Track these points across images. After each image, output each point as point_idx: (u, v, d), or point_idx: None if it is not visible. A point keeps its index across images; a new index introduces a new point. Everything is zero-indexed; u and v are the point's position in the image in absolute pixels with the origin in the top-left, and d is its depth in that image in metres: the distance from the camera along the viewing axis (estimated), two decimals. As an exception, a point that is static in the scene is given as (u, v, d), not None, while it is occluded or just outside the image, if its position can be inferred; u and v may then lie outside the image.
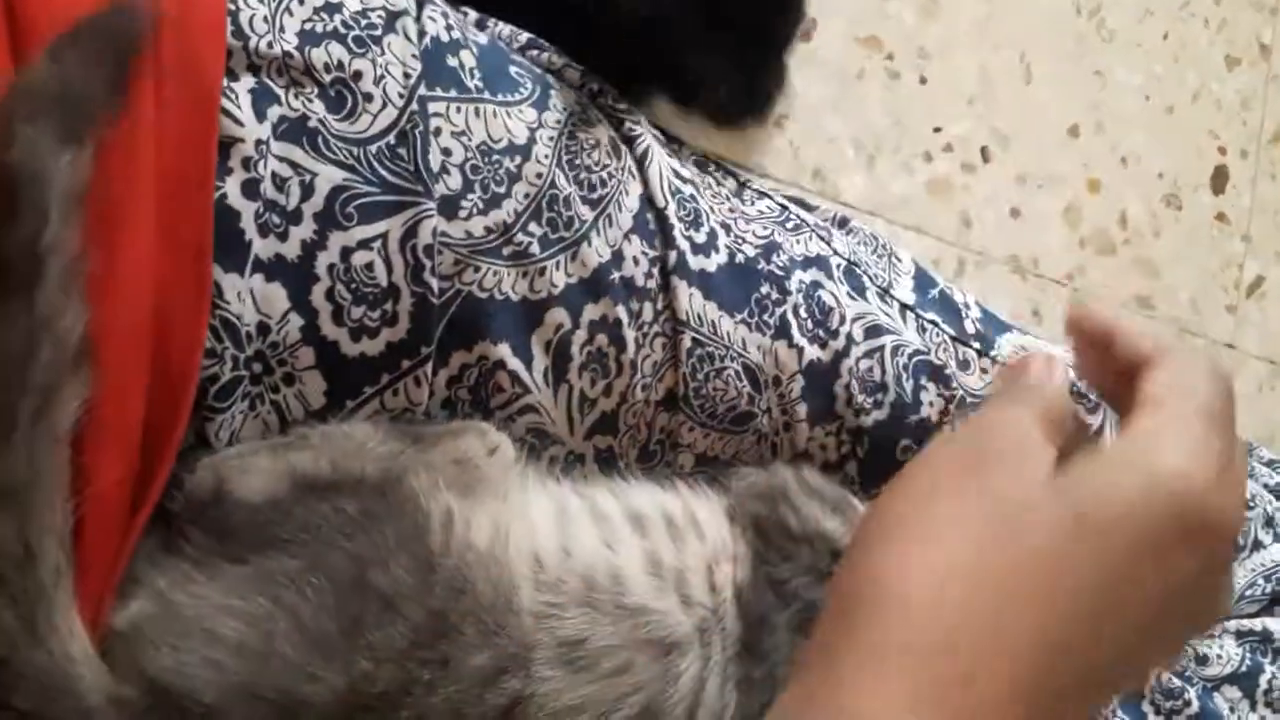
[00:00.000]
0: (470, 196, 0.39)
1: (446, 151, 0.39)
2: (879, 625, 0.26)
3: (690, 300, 0.44)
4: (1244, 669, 0.65)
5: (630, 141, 0.44)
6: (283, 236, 0.35)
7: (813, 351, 0.46)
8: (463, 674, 0.33)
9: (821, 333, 0.47)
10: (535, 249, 0.40)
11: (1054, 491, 0.27)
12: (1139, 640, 0.27)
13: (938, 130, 0.75)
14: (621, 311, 0.42)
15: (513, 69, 0.42)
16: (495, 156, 0.40)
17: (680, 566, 0.39)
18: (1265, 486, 0.77)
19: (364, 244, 0.37)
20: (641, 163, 0.44)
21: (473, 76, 0.40)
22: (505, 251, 0.39)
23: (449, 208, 0.38)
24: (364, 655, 0.31)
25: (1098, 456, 0.28)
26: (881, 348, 0.48)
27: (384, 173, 0.37)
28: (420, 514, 0.34)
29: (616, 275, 0.42)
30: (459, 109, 0.39)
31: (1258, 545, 0.72)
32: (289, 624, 0.30)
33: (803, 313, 0.47)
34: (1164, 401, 0.28)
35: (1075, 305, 0.34)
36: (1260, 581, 0.70)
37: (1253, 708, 0.65)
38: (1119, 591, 0.26)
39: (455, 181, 0.38)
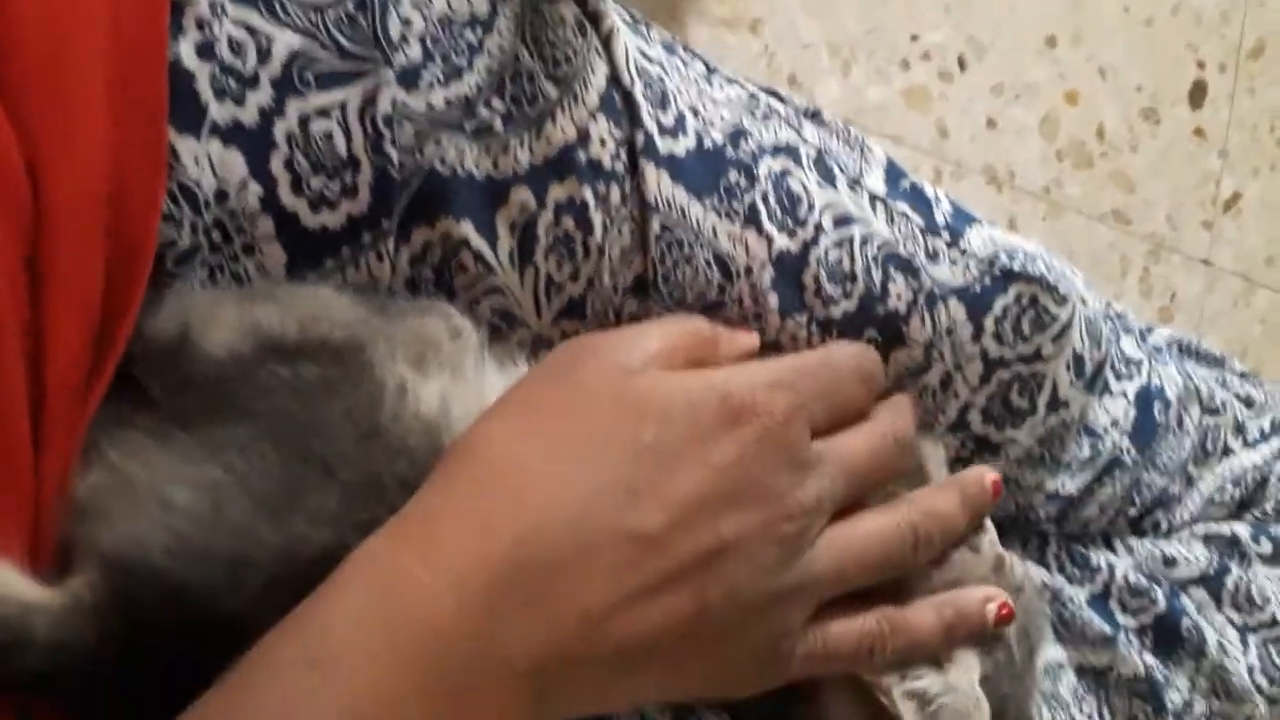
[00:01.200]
0: (430, 67, 0.38)
1: (406, 21, 0.38)
2: (454, 483, 0.32)
3: (658, 184, 0.43)
4: (1211, 571, 0.66)
5: (595, 19, 0.44)
6: (239, 101, 0.35)
7: (782, 240, 0.46)
8: None
9: (790, 221, 0.47)
10: (498, 124, 0.39)
11: (614, 391, 0.33)
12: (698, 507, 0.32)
13: (915, 38, 0.74)
14: (588, 193, 0.41)
15: (474, -58, 0.41)
16: (456, 28, 0.39)
17: None
18: (1236, 396, 0.77)
19: (322, 112, 0.36)
20: (607, 41, 0.43)
21: (433, -53, 0.39)
22: (467, 126, 0.39)
23: (409, 79, 0.37)
24: (302, 518, 0.31)
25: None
26: (850, 238, 0.48)
27: (342, 39, 0.36)
28: (375, 385, 0.34)
29: (583, 156, 0.41)
30: (418, -21, 0.38)
31: (1227, 451, 0.73)
32: (238, 490, 0.30)
33: (772, 200, 0.46)
34: None
35: None
36: (1229, 487, 0.71)
37: (1218, 608, 0.67)
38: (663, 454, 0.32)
39: (415, 52, 0.38)
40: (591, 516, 0.31)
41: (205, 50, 0.34)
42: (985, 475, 0.41)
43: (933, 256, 0.50)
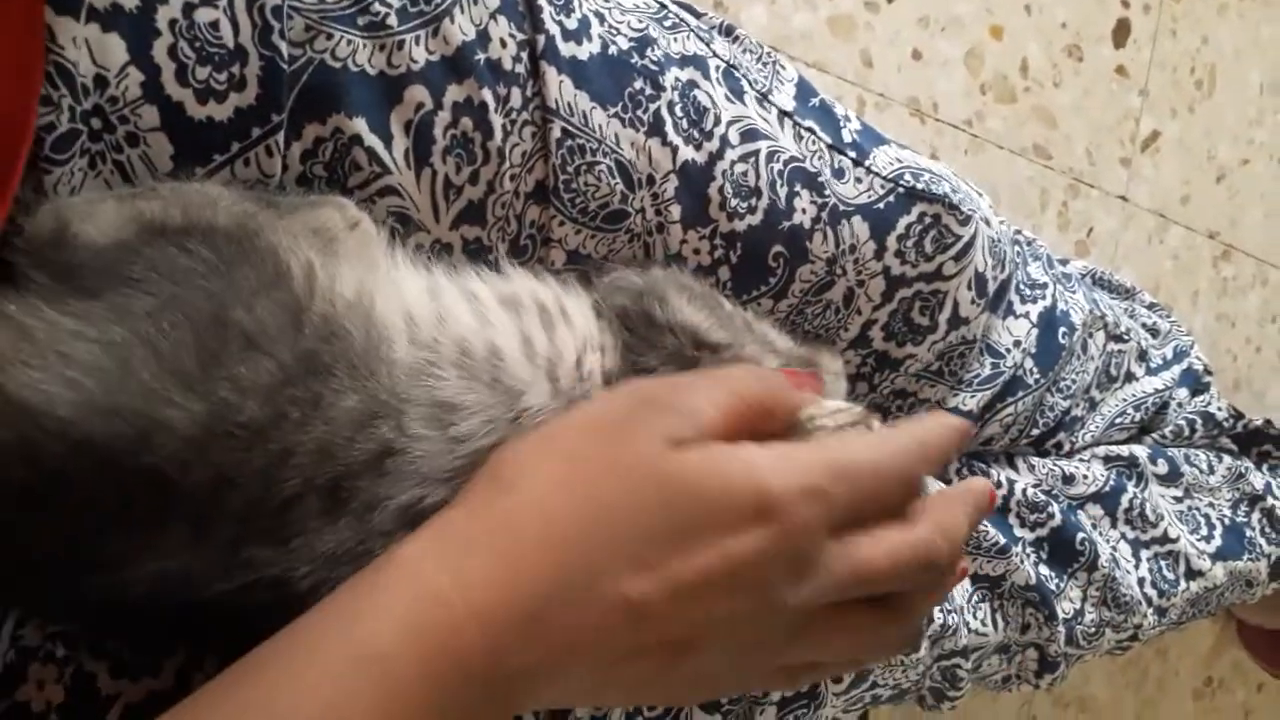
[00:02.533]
0: (321, -40, 0.37)
1: (297, -88, 0.37)
2: (490, 512, 0.33)
3: (560, 88, 0.43)
4: (1107, 489, 0.69)
5: (499, -79, 0.43)
6: None
7: (687, 151, 0.46)
8: (333, 414, 0.33)
9: (696, 133, 0.47)
10: (393, 20, 0.39)
11: (655, 462, 0.32)
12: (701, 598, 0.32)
13: (842, -35, 0.74)
14: (488, 95, 0.41)
15: None
16: (351, -78, 0.38)
17: (552, 354, 0.40)
18: (1142, 325, 0.80)
19: (208, 0, 0.35)
20: (510, -58, 0.43)
21: None
22: (360, 21, 0.38)
23: (298, -30, 0.37)
24: (226, 387, 0.31)
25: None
26: (757, 152, 0.48)
27: (229, -72, 0.36)
28: (279, 263, 0.34)
29: (482, 56, 0.41)
30: None
31: (1130, 377, 0.76)
32: (144, 352, 0.30)
33: (678, 111, 0.46)
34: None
35: None
36: (1130, 411, 0.74)
37: (1113, 524, 0.70)
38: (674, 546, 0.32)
39: (306, -57, 0.37)
40: (601, 582, 0.31)
41: None
42: (988, 491, 0.40)
43: (838, 174, 0.51)
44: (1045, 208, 0.86)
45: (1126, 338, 0.74)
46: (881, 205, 0.52)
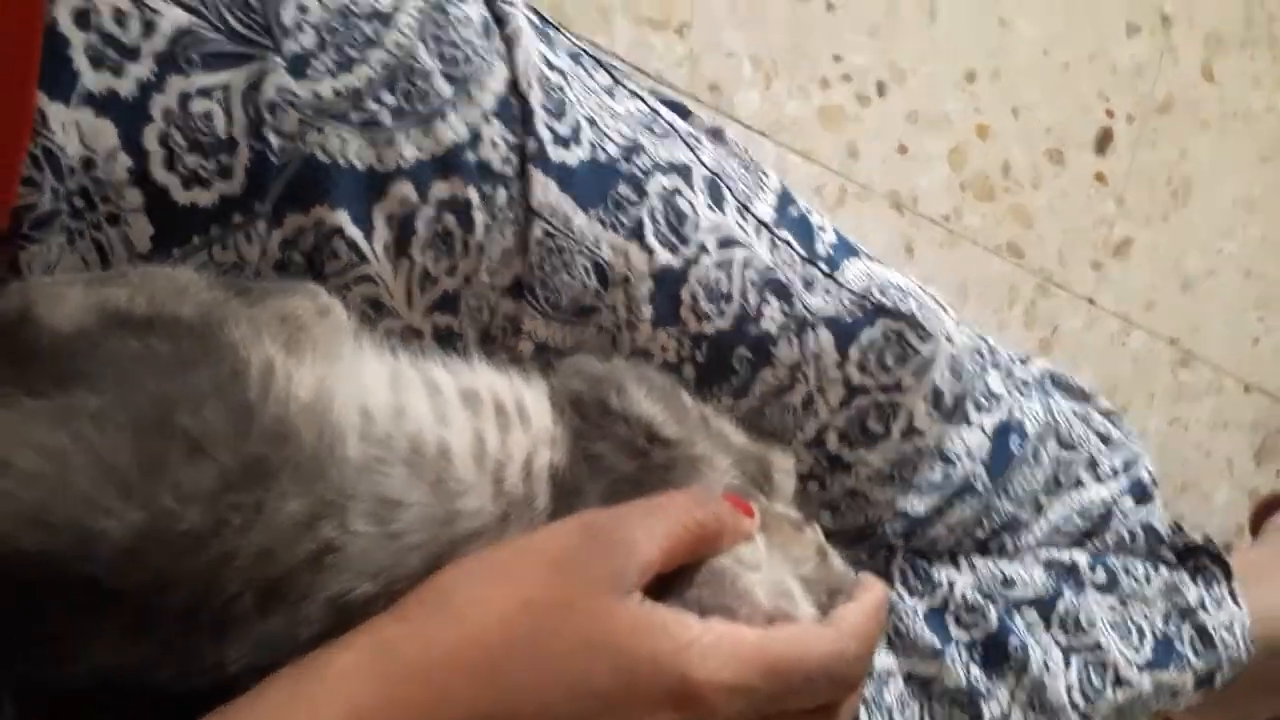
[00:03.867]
0: (322, 57, 0.38)
1: (302, 9, 0.38)
2: (427, 626, 0.33)
3: (545, 191, 0.44)
4: (1046, 595, 0.71)
5: (501, 21, 0.44)
6: (117, 72, 0.35)
7: (664, 256, 0.48)
8: (277, 520, 0.33)
9: (675, 239, 0.48)
10: (386, 118, 0.40)
11: (594, 619, 0.33)
12: None
13: (838, 59, 0.76)
14: (473, 193, 0.42)
15: (386, -67, 0.41)
16: (355, 20, 0.39)
17: (501, 457, 0.40)
18: (1095, 432, 0.82)
19: (204, 92, 0.36)
20: (510, 44, 0.44)
21: (340, -65, 0.39)
22: (353, 117, 0.39)
23: (298, 66, 0.38)
24: (167, 495, 0.31)
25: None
26: (731, 260, 0.50)
27: (233, 21, 0.36)
28: (238, 361, 0.34)
29: (472, 156, 0.42)
30: (321, -33, 0.38)
31: (1078, 484, 0.78)
32: (85, 459, 0.30)
33: (659, 217, 0.48)
34: None
35: None
36: (1075, 518, 0.76)
37: (1047, 628, 0.71)
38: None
39: (309, 40, 0.38)
40: None
41: (83, 18, 0.34)
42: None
43: (809, 284, 0.52)
44: (1013, 304, 0.89)
45: (1078, 446, 0.76)
46: (848, 318, 0.53)
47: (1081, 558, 0.75)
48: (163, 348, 0.33)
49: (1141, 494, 0.81)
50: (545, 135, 0.44)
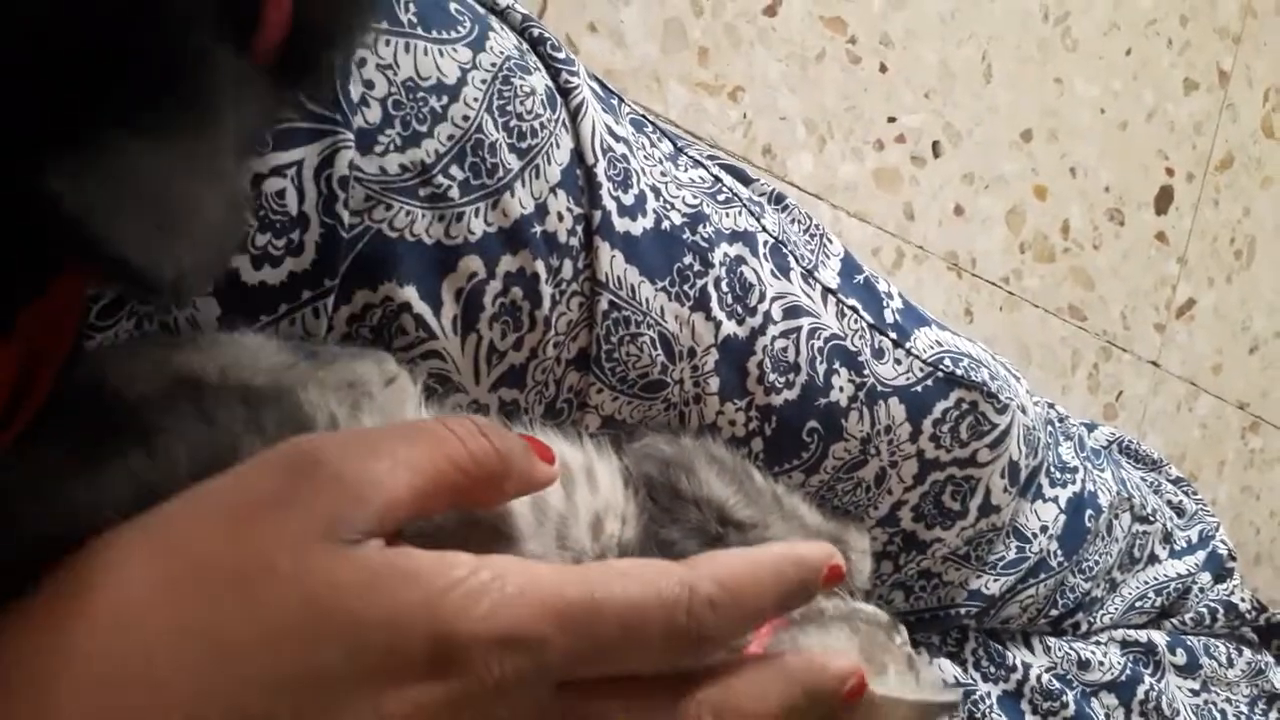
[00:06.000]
0: (389, 132, 0.38)
1: (369, 84, 0.37)
2: (50, 619, 0.24)
3: (611, 262, 0.43)
4: (1123, 678, 0.67)
5: (566, 93, 0.44)
6: None
7: (730, 326, 0.46)
8: None
9: (740, 309, 0.47)
10: (454, 193, 0.39)
11: (300, 579, 0.24)
12: None
13: (892, 120, 0.75)
14: (540, 266, 0.41)
15: (453, 5, 0.41)
16: (421, 94, 0.39)
17: (564, 513, 0.39)
18: (1168, 503, 0.79)
19: (278, 170, 0.36)
20: (575, 116, 0.43)
21: (407, 10, 0.39)
22: (421, 192, 0.38)
23: (365, 141, 0.37)
24: None
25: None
26: (799, 329, 0.48)
27: (303, 98, 0.36)
28: (303, 418, 0.33)
29: (538, 229, 0.41)
30: (388, 42, 0.38)
31: (1153, 559, 0.74)
32: None
33: (724, 286, 0.46)
34: None
35: None
36: (1151, 595, 0.73)
37: (1127, 716, 0.68)
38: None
39: (374, 115, 0.37)
40: None
41: None
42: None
43: (878, 353, 0.51)
44: (1076, 368, 0.86)
45: (1152, 519, 0.73)
46: (919, 388, 0.51)
47: (1160, 638, 0.71)
48: (228, 414, 0.32)
49: (1219, 569, 0.77)
50: (610, 206, 0.43)
